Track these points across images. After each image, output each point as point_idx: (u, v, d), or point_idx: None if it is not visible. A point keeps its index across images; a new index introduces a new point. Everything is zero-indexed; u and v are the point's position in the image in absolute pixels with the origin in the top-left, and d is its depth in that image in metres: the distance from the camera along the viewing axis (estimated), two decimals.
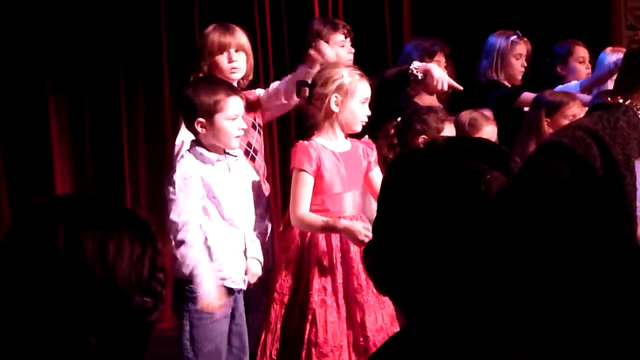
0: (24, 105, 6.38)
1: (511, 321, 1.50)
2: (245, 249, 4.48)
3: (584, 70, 6.35)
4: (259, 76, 6.30)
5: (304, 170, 4.47)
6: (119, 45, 6.61)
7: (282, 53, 6.98)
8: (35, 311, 1.55)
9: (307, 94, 4.59)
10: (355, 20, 7.06)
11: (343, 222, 4.45)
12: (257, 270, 4.57)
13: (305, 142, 4.52)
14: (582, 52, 6.38)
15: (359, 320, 4.50)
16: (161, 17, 6.70)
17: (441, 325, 1.53)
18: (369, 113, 4.59)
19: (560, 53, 6.43)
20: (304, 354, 4.46)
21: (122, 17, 6.59)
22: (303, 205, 4.48)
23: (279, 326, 4.53)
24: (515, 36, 6.23)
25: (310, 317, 4.48)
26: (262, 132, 5.16)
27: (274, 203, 5.81)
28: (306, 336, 4.46)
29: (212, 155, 4.42)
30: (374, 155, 4.68)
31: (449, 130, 4.94)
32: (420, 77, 5.07)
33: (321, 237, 4.51)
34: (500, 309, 1.51)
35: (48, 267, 1.55)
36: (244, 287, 4.49)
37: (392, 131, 4.97)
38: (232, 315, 4.52)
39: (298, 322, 4.51)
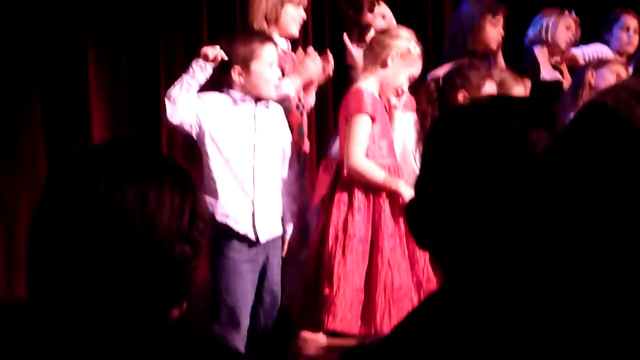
0: (62, 54, 6.37)
1: (555, 290, 1.47)
2: (254, 199, 4.47)
3: (625, 38, 6.42)
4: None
5: (369, 115, 4.48)
6: (158, 1, 6.59)
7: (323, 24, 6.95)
8: (76, 261, 1.55)
9: (368, 37, 4.63)
10: None
11: (402, 184, 4.46)
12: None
13: (363, 88, 4.54)
14: (628, 20, 6.45)
15: (421, 266, 4.51)
16: None
17: (479, 286, 1.51)
18: (405, 89, 4.64)
19: (608, 19, 6.51)
20: (378, 297, 4.47)
21: None
22: (364, 150, 4.48)
23: (346, 272, 4.52)
24: (569, 11, 6.28)
25: (385, 262, 4.49)
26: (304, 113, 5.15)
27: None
28: (381, 280, 4.47)
29: (238, 94, 4.44)
30: None
31: (490, 87, 4.93)
32: None
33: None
34: (543, 275, 1.48)
35: (89, 217, 1.55)
36: (261, 240, 4.49)
37: (433, 86, 4.97)
38: (265, 273, 4.53)
39: (370, 268, 4.52)
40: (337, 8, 5.58)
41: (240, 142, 4.47)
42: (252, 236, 4.48)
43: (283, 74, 4.78)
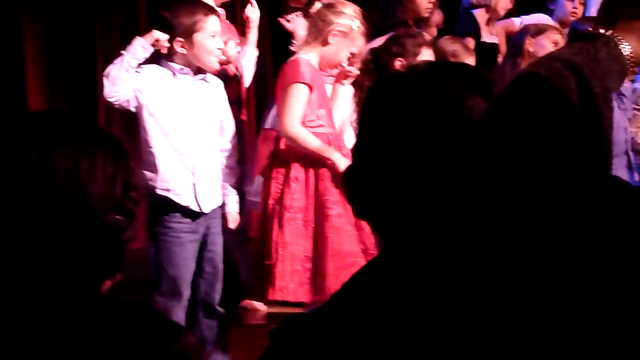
0: None
1: (488, 248, 1.49)
2: (194, 170, 4.46)
3: (570, 7, 6.48)
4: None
5: (305, 84, 4.48)
6: None
7: None
8: (7, 229, 1.52)
9: (314, 9, 4.62)
10: None
11: (337, 154, 4.47)
12: (236, 217, 4.61)
13: (301, 58, 4.54)
14: None
15: (367, 232, 4.53)
16: None
17: (419, 251, 1.52)
18: (345, 65, 4.64)
19: None
20: (328, 265, 4.48)
21: None
22: (300, 118, 4.49)
23: (293, 242, 4.53)
24: None
25: (332, 229, 4.50)
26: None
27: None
28: (329, 247, 4.49)
29: (177, 66, 4.43)
30: None
31: (427, 54, 4.95)
32: None
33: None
34: (478, 235, 1.50)
35: (20, 185, 1.52)
36: (204, 210, 4.48)
37: (369, 57, 4.98)
38: (205, 242, 4.53)
39: (318, 237, 4.53)
40: None
41: (179, 114, 4.44)
42: (194, 207, 4.47)
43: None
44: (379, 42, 5.29)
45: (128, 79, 4.37)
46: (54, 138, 1.56)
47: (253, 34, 5.26)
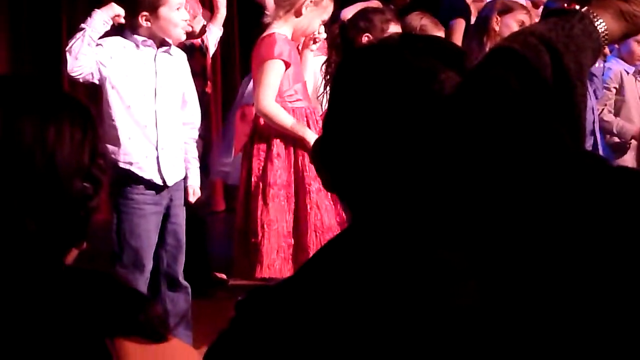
0: None
1: (456, 224, 1.48)
2: (157, 144, 4.44)
3: None
4: None
5: (282, 60, 4.48)
6: None
7: None
8: None
9: None
10: None
11: (309, 132, 4.47)
12: (197, 191, 4.60)
13: (276, 33, 4.53)
14: None
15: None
16: None
17: (386, 225, 1.51)
18: (317, 34, 4.64)
19: None
20: (309, 239, 4.49)
21: None
22: (274, 95, 4.48)
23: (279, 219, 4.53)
24: None
25: (313, 204, 4.50)
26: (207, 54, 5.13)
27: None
28: (310, 222, 4.49)
29: (140, 38, 4.40)
30: None
31: (394, 30, 4.94)
32: None
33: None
34: (446, 210, 1.49)
35: None
36: (168, 183, 4.47)
37: (336, 30, 4.98)
38: (168, 214, 4.52)
39: (298, 212, 4.53)
40: None
41: (142, 86, 4.42)
42: (158, 181, 4.45)
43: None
44: (351, 11, 5.29)
45: (90, 53, 4.35)
46: (20, 103, 1.53)
47: (221, 14, 5.23)
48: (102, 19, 4.37)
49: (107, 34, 4.46)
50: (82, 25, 4.40)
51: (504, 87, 1.50)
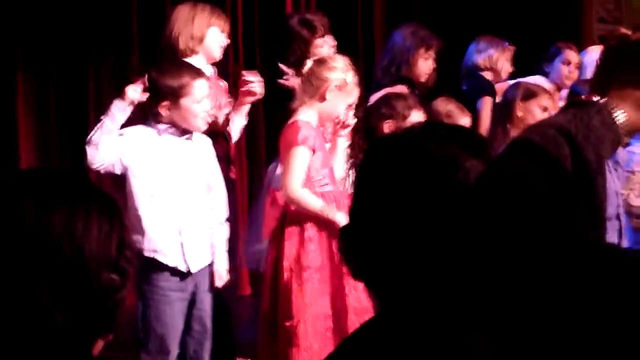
0: None
1: (482, 311, 1.48)
2: (181, 230, 4.44)
3: (565, 71, 6.60)
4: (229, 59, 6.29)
5: (307, 147, 4.49)
6: (88, 23, 6.54)
7: (253, 41, 6.98)
8: (1, 287, 1.50)
9: (306, 68, 4.63)
10: (328, 8, 7.06)
11: (340, 214, 4.47)
12: (223, 275, 4.59)
13: (300, 120, 4.55)
14: (570, 55, 6.71)
15: None
16: None
17: (413, 312, 1.51)
18: (344, 118, 4.67)
19: (550, 52, 6.70)
20: (349, 321, 4.48)
21: None
22: (301, 181, 4.50)
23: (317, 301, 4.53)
24: (507, 43, 6.45)
25: (350, 285, 4.49)
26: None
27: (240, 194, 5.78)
28: (350, 304, 4.48)
29: (162, 126, 4.41)
30: None
31: (417, 117, 4.96)
32: None
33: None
34: (472, 298, 1.49)
35: (15, 242, 1.51)
36: (192, 270, 4.45)
37: (361, 115, 5.00)
38: (194, 300, 4.50)
39: (336, 294, 4.52)
40: (286, 28, 5.57)
41: (164, 175, 4.42)
42: (182, 267, 4.44)
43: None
44: (377, 96, 5.34)
45: (110, 143, 4.35)
46: (49, 196, 1.55)
47: (247, 105, 5.25)
48: (118, 108, 4.37)
49: (130, 121, 4.47)
50: (101, 117, 4.42)
51: (525, 180, 1.51)
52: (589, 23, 7.90)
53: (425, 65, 5.90)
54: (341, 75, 4.63)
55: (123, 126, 4.45)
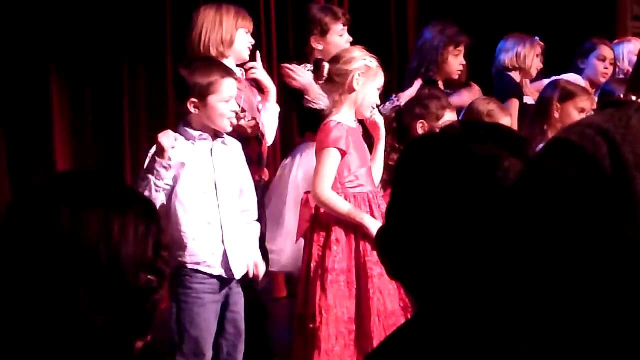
0: (26, 83, 6.32)
1: (521, 310, 1.47)
2: (223, 238, 4.42)
3: (601, 68, 6.55)
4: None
5: (338, 148, 4.49)
6: (122, 26, 6.56)
7: (286, 38, 6.97)
8: (40, 292, 1.51)
9: (325, 71, 4.60)
10: (361, 7, 7.04)
11: (367, 218, 4.46)
12: (260, 264, 4.58)
13: (332, 121, 4.54)
14: (605, 51, 6.62)
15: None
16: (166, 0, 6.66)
17: (452, 313, 1.51)
18: (379, 102, 4.66)
19: (585, 48, 6.64)
20: (372, 325, 4.47)
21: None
22: (330, 183, 4.50)
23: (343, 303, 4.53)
24: (537, 38, 6.38)
25: (375, 289, 4.49)
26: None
27: None
28: (373, 307, 4.48)
29: (195, 133, 4.39)
30: None
31: (450, 117, 4.96)
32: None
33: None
34: (511, 297, 1.48)
35: (52, 247, 1.51)
36: (236, 277, 4.45)
37: (394, 115, 4.99)
38: (227, 303, 4.50)
39: (361, 298, 4.52)
40: (307, 14, 5.54)
41: (202, 185, 4.40)
42: (228, 275, 4.43)
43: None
44: (409, 93, 5.34)
45: (160, 196, 4.33)
46: (85, 199, 1.55)
47: (272, 90, 5.25)
48: (161, 165, 4.31)
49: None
50: (146, 175, 4.34)
51: (563, 180, 1.49)
52: (623, 20, 7.86)
53: (455, 63, 5.90)
54: (361, 62, 4.60)
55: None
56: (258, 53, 5.24)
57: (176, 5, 6.64)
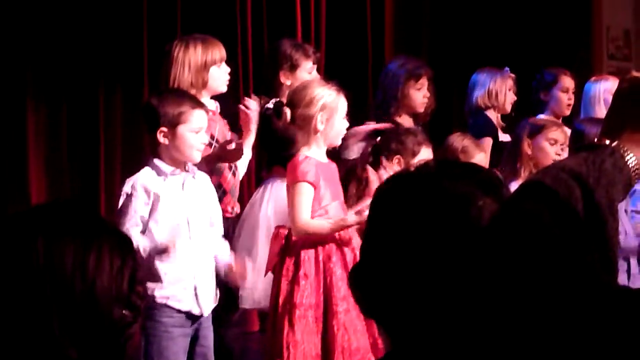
0: (1, 111, 6.29)
1: (492, 350, 1.48)
2: (195, 275, 4.40)
3: (565, 99, 6.46)
4: (239, 88, 6.30)
5: (307, 182, 4.47)
6: (99, 52, 6.55)
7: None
8: (14, 324, 1.50)
9: (288, 117, 4.56)
10: (337, 34, 7.06)
11: (350, 216, 4.45)
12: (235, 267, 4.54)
13: (301, 154, 4.52)
14: (567, 82, 6.49)
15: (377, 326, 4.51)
16: (143, 25, 6.65)
17: (424, 350, 1.51)
18: (347, 125, 4.64)
19: (546, 80, 6.51)
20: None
21: (104, 24, 6.52)
22: (306, 214, 4.47)
23: (308, 339, 4.49)
24: (507, 70, 6.32)
25: (340, 325, 4.46)
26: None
27: None
28: (338, 343, 4.45)
29: (167, 168, 4.37)
30: None
31: (425, 153, 4.96)
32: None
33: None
34: (483, 337, 1.49)
35: (27, 279, 1.51)
36: (204, 313, 4.42)
37: (369, 149, 4.99)
38: (197, 336, 4.47)
39: (326, 333, 4.49)
40: (277, 49, 5.52)
41: (175, 219, 4.37)
42: (196, 311, 4.40)
43: (213, 138, 4.78)
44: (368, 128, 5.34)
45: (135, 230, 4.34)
46: (61, 231, 1.55)
47: (251, 136, 5.22)
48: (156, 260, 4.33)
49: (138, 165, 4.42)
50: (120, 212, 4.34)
51: (536, 222, 1.51)
52: (598, 60, 7.92)
53: (418, 96, 5.84)
54: (320, 103, 4.54)
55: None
56: (254, 97, 5.23)
57: (153, 35, 6.64)
